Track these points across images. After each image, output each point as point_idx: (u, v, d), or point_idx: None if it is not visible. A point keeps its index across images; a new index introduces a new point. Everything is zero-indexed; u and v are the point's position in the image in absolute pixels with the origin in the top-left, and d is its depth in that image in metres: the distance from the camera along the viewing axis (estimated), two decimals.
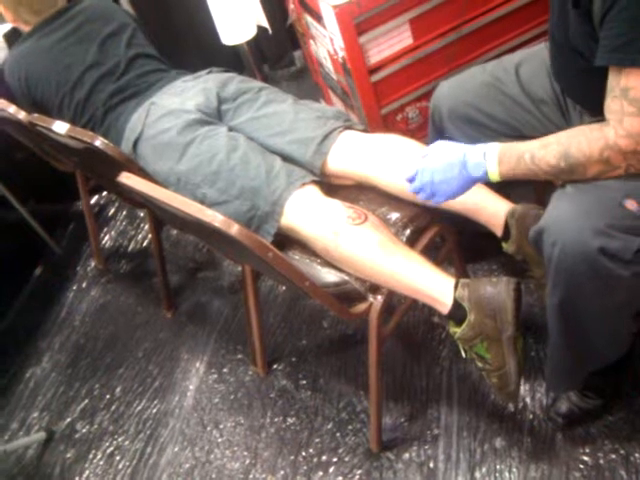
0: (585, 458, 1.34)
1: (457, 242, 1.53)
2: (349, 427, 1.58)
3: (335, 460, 1.53)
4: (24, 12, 1.74)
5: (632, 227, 1.01)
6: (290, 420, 1.64)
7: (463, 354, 1.27)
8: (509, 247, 1.36)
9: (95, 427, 1.83)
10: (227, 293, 2.06)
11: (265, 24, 2.32)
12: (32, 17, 1.74)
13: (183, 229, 1.80)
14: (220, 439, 1.67)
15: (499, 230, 1.37)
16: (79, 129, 1.50)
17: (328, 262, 1.33)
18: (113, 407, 1.86)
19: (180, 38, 2.64)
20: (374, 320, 1.31)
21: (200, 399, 1.79)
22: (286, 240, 1.39)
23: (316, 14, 1.86)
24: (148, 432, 1.76)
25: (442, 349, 1.64)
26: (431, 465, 1.44)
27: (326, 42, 1.90)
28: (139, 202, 1.65)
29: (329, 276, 1.32)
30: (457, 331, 1.21)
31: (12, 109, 1.65)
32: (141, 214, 2.49)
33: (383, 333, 1.36)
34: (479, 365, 1.25)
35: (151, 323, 2.07)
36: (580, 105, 1.26)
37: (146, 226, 2.43)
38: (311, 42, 2.10)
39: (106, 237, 2.47)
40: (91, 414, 1.87)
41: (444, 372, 1.60)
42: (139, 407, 1.83)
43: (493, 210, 1.36)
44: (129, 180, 1.25)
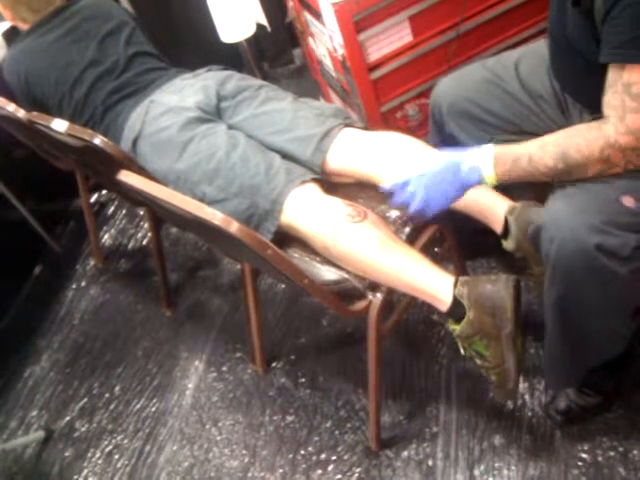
0: (584, 455, 1.34)
1: (456, 240, 1.53)
2: (348, 425, 1.58)
3: (334, 458, 1.53)
4: (23, 10, 1.74)
5: (629, 224, 1.01)
6: (289, 418, 1.64)
7: (462, 352, 1.27)
8: (508, 244, 1.36)
9: (94, 426, 1.83)
10: (227, 291, 2.06)
11: (264, 22, 2.32)
12: (31, 15, 1.73)
13: (183, 227, 1.80)
14: (219, 437, 1.67)
15: (498, 227, 1.37)
16: (78, 127, 1.49)
17: (328, 260, 1.33)
18: (112, 406, 1.86)
19: (179, 36, 2.63)
20: (373, 318, 1.30)
21: (199, 397, 1.79)
22: (285, 238, 1.39)
23: (315, 12, 1.86)
24: (147, 431, 1.76)
25: (441, 347, 1.64)
26: (430, 463, 1.44)
27: (325, 40, 1.90)
28: (138, 200, 1.65)
29: (328, 274, 1.32)
30: (456, 329, 1.21)
31: (11, 107, 1.65)
32: (141, 212, 2.49)
33: (382, 331, 1.36)
34: (478, 362, 1.25)
35: (150, 321, 2.07)
36: (579, 103, 1.25)
37: (146, 224, 2.43)
38: (310, 40, 2.10)
39: (105, 235, 2.46)
40: (90, 413, 1.87)
41: (443, 370, 1.60)
42: (138, 406, 1.83)
43: (492, 207, 1.36)
44: (128, 178, 1.25)
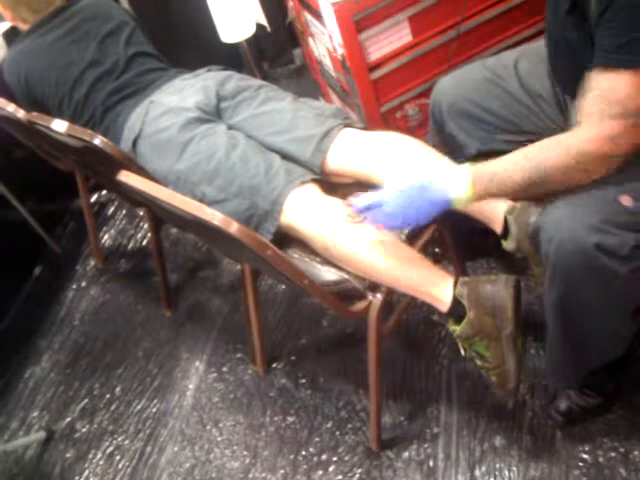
0: (585, 456, 1.34)
1: (456, 240, 1.52)
2: (349, 426, 1.58)
3: (335, 459, 1.52)
4: (23, 11, 1.74)
5: (628, 223, 1.00)
6: (290, 419, 1.64)
7: (462, 352, 1.26)
8: (509, 245, 1.35)
9: (95, 427, 1.83)
10: (227, 292, 2.06)
11: (264, 22, 2.32)
12: (31, 16, 1.73)
13: (182, 228, 1.80)
14: (220, 438, 1.67)
15: (498, 227, 1.36)
16: (78, 127, 1.49)
17: (327, 260, 1.33)
18: (113, 406, 1.86)
19: (179, 36, 2.63)
20: (373, 318, 1.30)
21: (200, 398, 1.78)
22: (285, 238, 1.39)
23: (315, 12, 1.85)
24: (148, 431, 1.76)
25: (442, 347, 1.64)
26: (431, 464, 1.44)
27: (325, 40, 1.90)
28: (138, 201, 1.65)
29: (328, 274, 1.32)
30: (456, 329, 1.21)
31: (11, 107, 1.65)
32: (140, 213, 2.49)
33: (382, 331, 1.36)
34: (478, 363, 1.25)
35: (151, 322, 2.07)
36: (578, 102, 1.25)
37: (145, 225, 2.43)
38: (310, 40, 2.10)
39: (105, 236, 2.46)
40: (91, 413, 1.87)
41: (444, 370, 1.59)
42: (139, 406, 1.83)
43: (492, 207, 1.36)
44: (128, 178, 1.24)
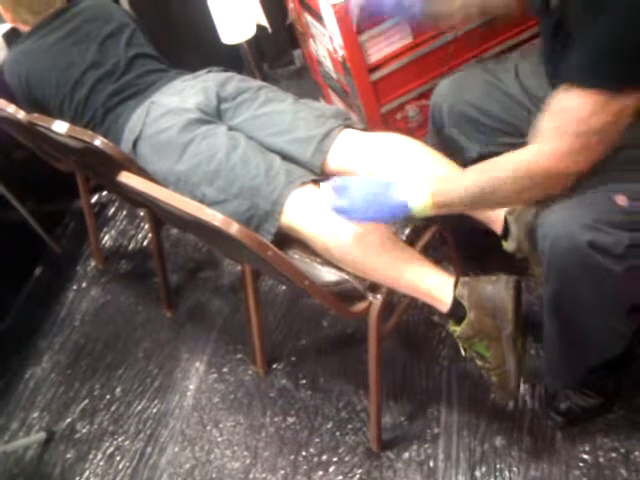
0: (585, 456, 1.34)
1: (456, 240, 1.53)
2: (349, 426, 1.58)
3: (335, 459, 1.53)
4: (23, 12, 1.74)
5: (622, 222, 1.01)
6: (290, 419, 1.64)
7: (463, 353, 1.27)
8: (509, 245, 1.36)
9: (95, 427, 1.83)
10: (227, 292, 2.06)
11: (265, 23, 2.32)
12: (31, 17, 1.74)
13: (183, 228, 1.80)
14: (220, 439, 1.67)
15: (498, 227, 1.37)
16: (79, 129, 1.49)
17: (328, 261, 1.33)
18: (113, 407, 1.86)
19: (179, 38, 2.63)
20: (374, 319, 1.30)
21: (200, 399, 1.79)
22: (286, 239, 1.39)
23: (316, 13, 1.86)
24: (148, 432, 1.76)
25: (442, 348, 1.64)
26: (431, 464, 1.44)
27: (326, 41, 1.90)
28: (139, 201, 1.65)
29: (329, 275, 1.32)
30: (457, 330, 1.21)
31: (12, 109, 1.65)
32: (141, 213, 2.49)
33: (383, 332, 1.36)
34: (479, 363, 1.25)
35: (151, 323, 2.07)
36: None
37: (146, 225, 2.43)
38: (311, 41, 2.10)
39: (106, 237, 2.46)
40: (91, 414, 1.87)
41: (444, 371, 1.60)
42: (139, 407, 1.83)
43: None
44: (129, 179, 1.25)
